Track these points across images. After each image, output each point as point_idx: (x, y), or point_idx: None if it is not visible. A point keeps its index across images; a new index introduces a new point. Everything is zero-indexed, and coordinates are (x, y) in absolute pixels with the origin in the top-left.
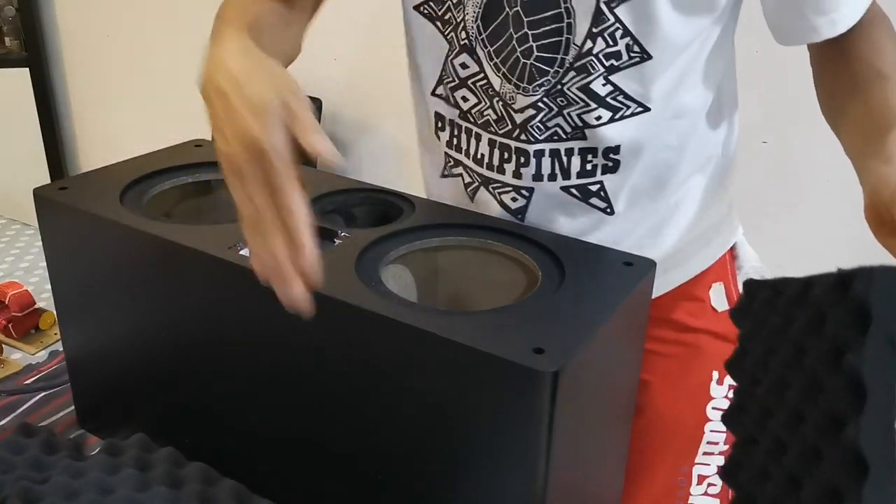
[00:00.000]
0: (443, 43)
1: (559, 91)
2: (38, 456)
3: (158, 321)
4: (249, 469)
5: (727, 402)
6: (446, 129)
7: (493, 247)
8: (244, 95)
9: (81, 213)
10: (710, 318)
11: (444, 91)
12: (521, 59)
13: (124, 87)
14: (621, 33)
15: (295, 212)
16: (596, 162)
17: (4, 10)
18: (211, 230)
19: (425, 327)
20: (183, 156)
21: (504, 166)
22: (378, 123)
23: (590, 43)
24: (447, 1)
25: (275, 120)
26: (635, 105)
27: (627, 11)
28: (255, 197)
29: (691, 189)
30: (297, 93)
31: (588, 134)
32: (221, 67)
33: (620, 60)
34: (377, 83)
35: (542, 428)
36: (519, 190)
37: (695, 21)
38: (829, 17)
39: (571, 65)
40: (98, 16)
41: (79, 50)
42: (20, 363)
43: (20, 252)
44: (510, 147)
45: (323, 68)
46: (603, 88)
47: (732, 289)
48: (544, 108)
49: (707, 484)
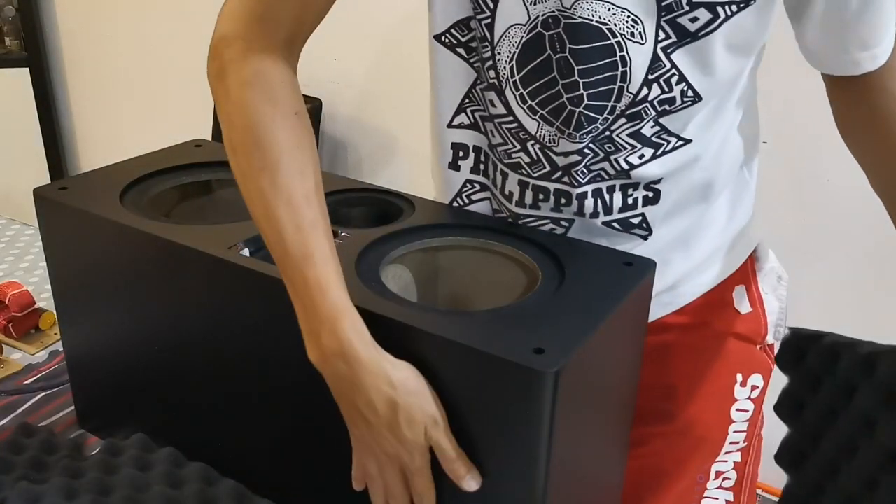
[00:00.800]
0: (467, 71)
1: (607, 137)
2: (38, 456)
3: (158, 321)
4: (249, 469)
5: (750, 403)
6: (469, 156)
7: (493, 247)
8: (404, 422)
9: (81, 213)
10: (734, 320)
11: (469, 118)
12: (569, 105)
13: (124, 87)
14: (677, 79)
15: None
16: (637, 195)
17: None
18: (211, 230)
19: (425, 327)
20: (183, 156)
21: (540, 204)
22: (378, 123)
23: (645, 90)
24: (473, 30)
25: (427, 453)
26: (676, 139)
27: (683, 56)
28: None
29: (722, 201)
30: (438, 421)
31: (632, 174)
32: (382, 377)
33: (674, 105)
34: (377, 83)
35: (542, 428)
36: (558, 221)
37: (743, 60)
38: (871, 52)
39: (623, 112)
40: (98, 16)
41: (79, 50)
42: (20, 363)
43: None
44: (548, 189)
45: (323, 68)
46: (650, 130)
47: (754, 290)
48: (589, 154)
49: (722, 478)
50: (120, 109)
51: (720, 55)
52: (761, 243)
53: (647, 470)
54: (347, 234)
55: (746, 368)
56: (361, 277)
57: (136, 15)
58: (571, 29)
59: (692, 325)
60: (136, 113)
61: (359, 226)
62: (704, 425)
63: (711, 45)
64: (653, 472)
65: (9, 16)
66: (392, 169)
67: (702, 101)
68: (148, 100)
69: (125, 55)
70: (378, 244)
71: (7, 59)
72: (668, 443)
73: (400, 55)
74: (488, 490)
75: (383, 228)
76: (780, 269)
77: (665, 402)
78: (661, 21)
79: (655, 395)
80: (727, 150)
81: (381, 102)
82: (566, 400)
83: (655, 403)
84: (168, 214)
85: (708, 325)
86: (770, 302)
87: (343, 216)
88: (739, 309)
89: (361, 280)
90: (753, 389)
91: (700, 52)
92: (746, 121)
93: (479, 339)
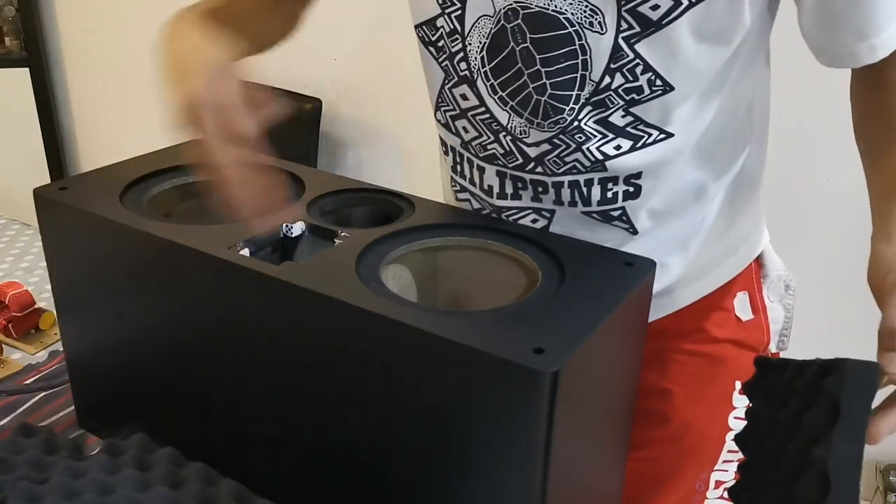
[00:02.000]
0: (437, 70)
1: (576, 127)
2: (38, 456)
3: (158, 321)
4: (249, 469)
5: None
6: (449, 154)
7: (493, 247)
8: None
9: (81, 213)
10: (734, 327)
11: (443, 117)
12: (535, 94)
13: (124, 87)
14: (642, 69)
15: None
16: (617, 189)
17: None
18: (211, 230)
19: (425, 327)
20: (183, 156)
21: (520, 193)
22: (378, 123)
23: (608, 79)
24: (440, 28)
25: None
26: (657, 132)
27: (648, 47)
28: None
29: (719, 203)
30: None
31: (608, 165)
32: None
33: (642, 94)
34: (377, 83)
35: (541, 428)
36: (539, 211)
37: (719, 49)
38: (868, 43)
39: (588, 100)
40: (98, 16)
41: (79, 50)
42: (20, 363)
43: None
44: (524, 179)
45: (323, 68)
46: (622, 120)
47: (757, 298)
48: (561, 145)
49: (723, 489)
50: (120, 109)
51: (689, 44)
52: (768, 249)
53: (644, 474)
54: (347, 234)
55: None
56: (361, 277)
57: (135, 15)
58: (530, 18)
59: (689, 329)
60: (136, 113)
61: (359, 226)
62: (699, 432)
63: (677, 32)
64: (650, 477)
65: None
66: (392, 169)
67: (674, 90)
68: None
69: (125, 55)
70: (378, 244)
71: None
72: (664, 448)
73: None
74: (488, 490)
75: (383, 228)
76: (789, 276)
77: (660, 405)
78: (621, 11)
79: (651, 398)
80: (721, 148)
81: (381, 102)
82: (566, 400)
83: (651, 406)
84: (168, 214)
85: (706, 331)
86: (774, 310)
87: (343, 216)
88: (740, 316)
89: (361, 280)
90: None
91: (666, 40)
92: (748, 120)
93: (478, 339)
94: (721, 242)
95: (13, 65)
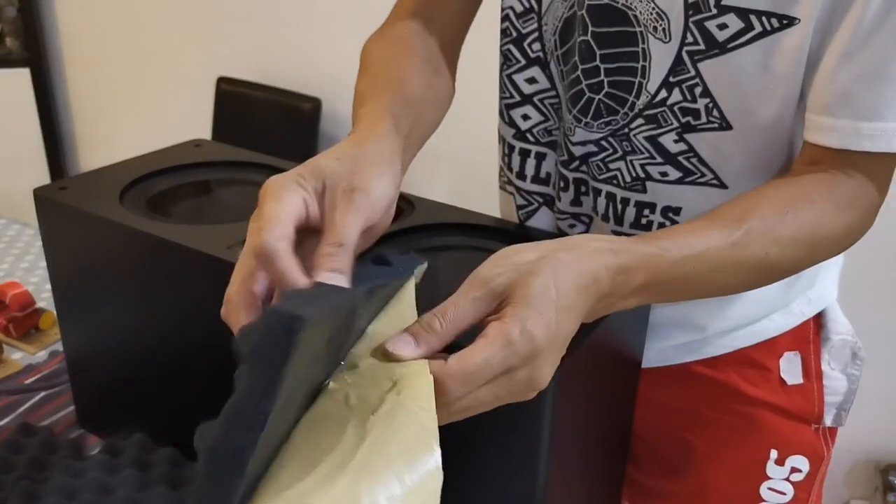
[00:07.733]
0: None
1: (625, 135)
2: (38, 456)
3: (158, 321)
4: None
5: (788, 485)
6: (500, 143)
7: (493, 247)
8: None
9: (81, 213)
10: (776, 390)
11: (499, 106)
12: (587, 92)
13: (124, 87)
14: (701, 91)
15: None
16: (652, 218)
17: (5, 11)
18: (211, 230)
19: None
20: (183, 156)
21: (561, 194)
22: None
23: (664, 93)
24: (507, 8)
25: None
26: (710, 175)
27: (712, 69)
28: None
29: None
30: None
31: (648, 187)
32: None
33: (698, 121)
34: None
35: (542, 429)
36: (578, 217)
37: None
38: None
39: (641, 112)
40: (98, 16)
41: (79, 50)
42: (20, 363)
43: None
44: (567, 178)
45: (323, 68)
46: (675, 146)
47: (811, 362)
48: (608, 149)
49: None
50: (120, 109)
51: (756, 78)
52: (832, 308)
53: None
54: None
55: (785, 447)
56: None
57: (135, 15)
58: (594, 10)
59: (721, 381)
60: (135, 113)
61: None
62: (722, 496)
63: (743, 62)
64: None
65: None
66: None
67: (732, 129)
68: (148, 100)
69: (125, 55)
70: (378, 244)
71: (7, 59)
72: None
73: None
74: (488, 491)
75: None
76: (857, 343)
77: (679, 456)
78: (688, 22)
79: (670, 446)
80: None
81: None
82: (566, 402)
83: (670, 455)
84: (168, 214)
85: (738, 388)
86: (834, 379)
87: None
88: (786, 378)
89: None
90: (794, 472)
91: (730, 68)
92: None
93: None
94: (768, 291)
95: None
